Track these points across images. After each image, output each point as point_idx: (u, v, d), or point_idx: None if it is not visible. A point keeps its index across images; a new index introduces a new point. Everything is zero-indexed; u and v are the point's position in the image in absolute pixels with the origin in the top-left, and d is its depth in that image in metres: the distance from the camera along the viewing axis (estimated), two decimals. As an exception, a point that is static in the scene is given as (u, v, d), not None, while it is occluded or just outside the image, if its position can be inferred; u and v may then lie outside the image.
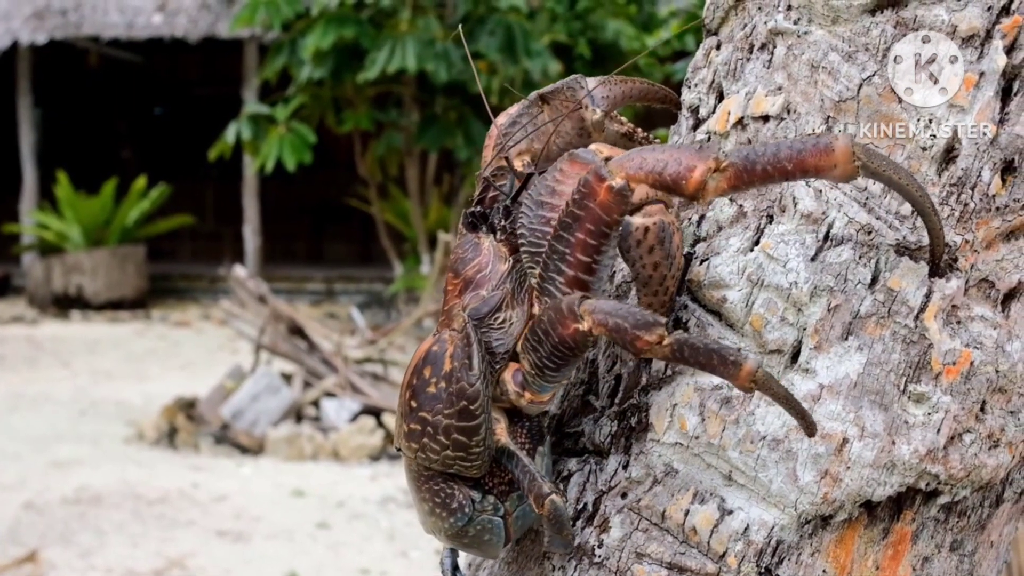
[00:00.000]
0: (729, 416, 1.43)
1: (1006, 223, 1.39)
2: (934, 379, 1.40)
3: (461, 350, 1.42)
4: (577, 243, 1.34)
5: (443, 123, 14.21)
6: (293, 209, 20.60)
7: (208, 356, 13.76)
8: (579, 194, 1.32)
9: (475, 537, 1.50)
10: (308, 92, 14.19)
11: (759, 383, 1.26)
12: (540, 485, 1.42)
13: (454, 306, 1.49)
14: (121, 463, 8.86)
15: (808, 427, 1.30)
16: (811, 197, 1.42)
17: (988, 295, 1.41)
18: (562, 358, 1.38)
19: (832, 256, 1.41)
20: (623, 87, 1.63)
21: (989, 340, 1.41)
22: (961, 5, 1.37)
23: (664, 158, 1.29)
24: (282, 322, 10.11)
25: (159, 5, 17.71)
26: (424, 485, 1.50)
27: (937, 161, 1.38)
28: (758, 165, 1.25)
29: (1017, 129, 1.37)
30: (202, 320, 16.93)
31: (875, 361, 1.40)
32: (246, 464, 9.01)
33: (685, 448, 1.46)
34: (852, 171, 1.24)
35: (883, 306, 1.39)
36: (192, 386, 11.10)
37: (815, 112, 1.43)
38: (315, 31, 13.25)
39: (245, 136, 14.01)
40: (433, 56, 13.14)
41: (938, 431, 1.41)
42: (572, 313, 1.32)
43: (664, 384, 1.48)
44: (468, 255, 1.50)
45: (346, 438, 9.22)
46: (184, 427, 9.58)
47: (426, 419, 1.44)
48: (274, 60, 14.31)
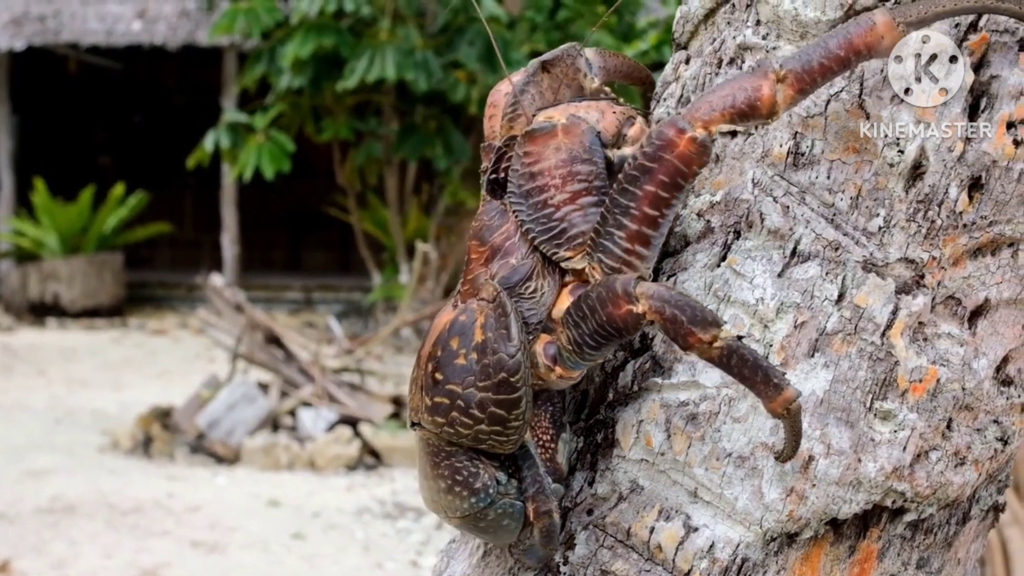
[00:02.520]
0: (695, 433, 1.42)
1: (973, 240, 1.39)
2: (900, 396, 1.39)
3: (495, 320, 1.37)
4: (645, 196, 1.29)
5: (422, 133, 14.21)
6: (272, 218, 20.56)
7: (185, 365, 13.70)
8: (652, 146, 1.28)
9: (493, 521, 1.44)
10: (287, 101, 14.17)
11: (791, 413, 1.26)
12: (544, 500, 1.40)
13: (479, 275, 1.43)
14: (95, 472, 8.81)
15: (791, 456, 1.30)
16: (778, 213, 1.42)
17: (955, 312, 1.41)
18: (606, 337, 1.32)
19: (799, 272, 1.40)
20: (615, 60, 1.61)
21: (956, 357, 1.40)
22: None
23: (728, 92, 1.27)
24: (259, 331, 10.07)
25: (138, 12, 17.66)
26: (444, 461, 1.44)
27: (904, 177, 1.38)
28: (814, 62, 1.25)
29: (984, 146, 1.37)
30: (179, 328, 16.87)
31: (841, 378, 1.39)
32: (221, 474, 8.97)
33: (651, 465, 1.45)
34: (899, 36, 1.27)
35: (850, 323, 1.39)
36: (168, 395, 11.05)
37: (783, 127, 1.42)
38: (294, 40, 13.23)
39: (224, 144, 13.98)
40: (413, 65, 13.14)
41: (904, 448, 1.40)
42: (627, 294, 1.27)
43: (630, 400, 1.47)
44: (495, 222, 1.44)
45: (322, 448, 9.19)
46: (159, 436, 9.54)
47: (455, 392, 1.38)
48: (253, 68, 14.28)
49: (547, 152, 1.40)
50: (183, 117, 20.22)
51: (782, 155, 1.42)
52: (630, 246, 1.32)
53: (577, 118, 1.41)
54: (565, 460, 1.48)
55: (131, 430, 9.72)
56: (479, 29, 13.44)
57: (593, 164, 1.40)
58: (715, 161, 1.47)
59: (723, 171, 1.46)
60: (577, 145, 1.40)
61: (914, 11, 1.28)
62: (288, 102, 14.19)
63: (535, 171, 1.40)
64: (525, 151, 1.40)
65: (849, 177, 1.39)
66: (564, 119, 1.40)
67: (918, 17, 1.28)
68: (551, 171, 1.39)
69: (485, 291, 1.41)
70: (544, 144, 1.40)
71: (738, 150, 1.45)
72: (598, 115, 1.42)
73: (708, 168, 1.48)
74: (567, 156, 1.39)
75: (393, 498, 8.43)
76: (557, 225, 1.39)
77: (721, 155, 1.47)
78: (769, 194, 1.42)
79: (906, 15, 1.27)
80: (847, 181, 1.40)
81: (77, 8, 17.76)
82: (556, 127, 1.40)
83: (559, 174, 1.39)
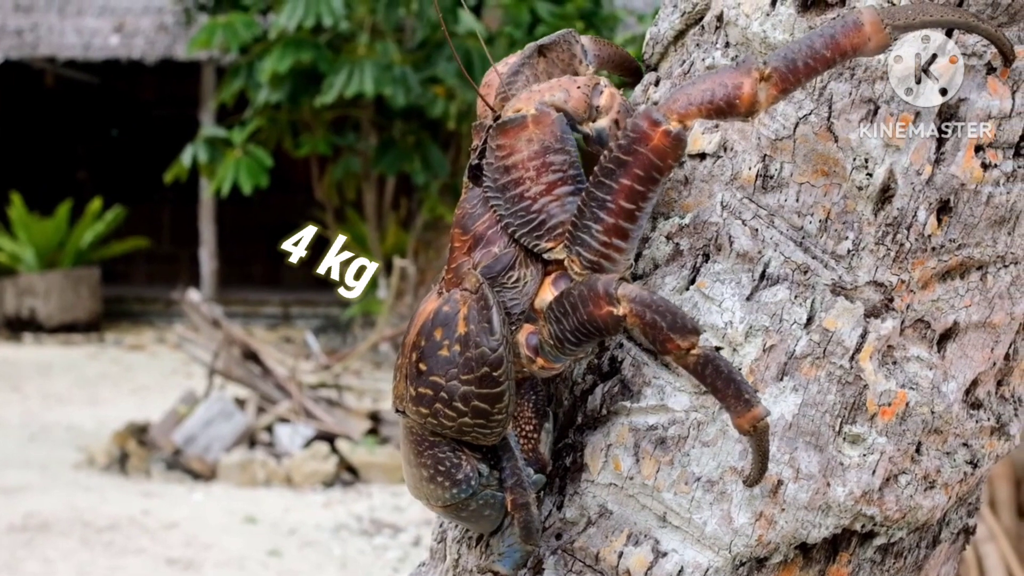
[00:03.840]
0: (664, 457, 1.42)
1: (942, 263, 1.39)
2: (869, 420, 1.39)
3: (477, 312, 1.37)
4: (621, 189, 1.29)
5: (401, 148, 14.19)
6: (250, 232, 20.49)
7: (161, 380, 13.63)
8: (627, 139, 1.28)
9: (475, 511, 1.45)
10: (265, 115, 14.14)
11: (758, 431, 1.25)
12: (523, 492, 1.39)
13: (462, 264, 1.43)
14: (70, 489, 8.74)
15: (758, 480, 1.29)
16: (747, 236, 1.41)
17: (924, 335, 1.40)
18: (586, 335, 1.32)
19: (768, 296, 1.40)
20: (609, 50, 1.61)
21: (925, 381, 1.40)
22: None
23: (708, 86, 1.26)
24: (236, 347, 10.03)
25: (116, 26, 17.61)
26: (427, 451, 1.44)
27: (873, 200, 1.38)
28: (799, 61, 1.24)
29: (952, 169, 1.37)
30: (156, 344, 16.79)
31: (810, 402, 1.39)
32: (198, 490, 8.92)
33: (620, 489, 1.44)
34: (885, 39, 1.26)
35: (818, 346, 1.39)
36: (145, 411, 10.98)
37: (752, 150, 1.42)
38: (273, 54, 13.20)
39: (201, 159, 13.93)
40: (391, 80, 13.12)
41: (873, 472, 1.40)
42: (608, 295, 1.28)
43: (599, 424, 1.47)
44: (477, 210, 1.44)
45: (299, 464, 9.15)
46: (135, 452, 9.48)
47: (439, 384, 1.38)
48: (231, 83, 14.25)
49: (519, 144, 1.39)
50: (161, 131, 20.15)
51: (751, 178, 1.42)
52: (607, 239, 1.32)
53: (546, 106, 1.40)
54: (548, 450, 1.48)
55: (107, 446, 9.65)
56: (458, 44, 13.45)
57: (566, 153, 1.39)
58: (684, 183, 1.47)
59: (692, 193, 1.46)
60: (549, 135, 1.39)
61: (902, 15, 1.27)
62: (266, 117, 14.15)
63: (509, 164, 1.39)
64: (498, 144, 1.40)
65: (818, 200, 1.39)
66: (533, 109, 1.40)
67: (906, 22, 1.27)
68: (525, 163, 1.39)
69: (468, 281, 1.40)
70: (516, 136, 1.39)
71: (707, 172, 1.45)
72: (564, 94, 1.41)
73: (677, 190, 1.47)
74: (540, 147, 1.39)
75: (370, 514, 8.39)
76: (536, 217, 1.39)
77: (690, 177, 1.46)
78: (738, 217, 1.42)
79: (895, 17, 1.26)
80: (816, 204, 1.39)
81: (55, 22, 17.70)
82: (527, 118, 1.39)
83: (533, 166, 1.39)
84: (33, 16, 17.79)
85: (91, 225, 17.90)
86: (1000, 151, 1.38)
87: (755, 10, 1.43)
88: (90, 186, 20.33)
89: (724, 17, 1.47)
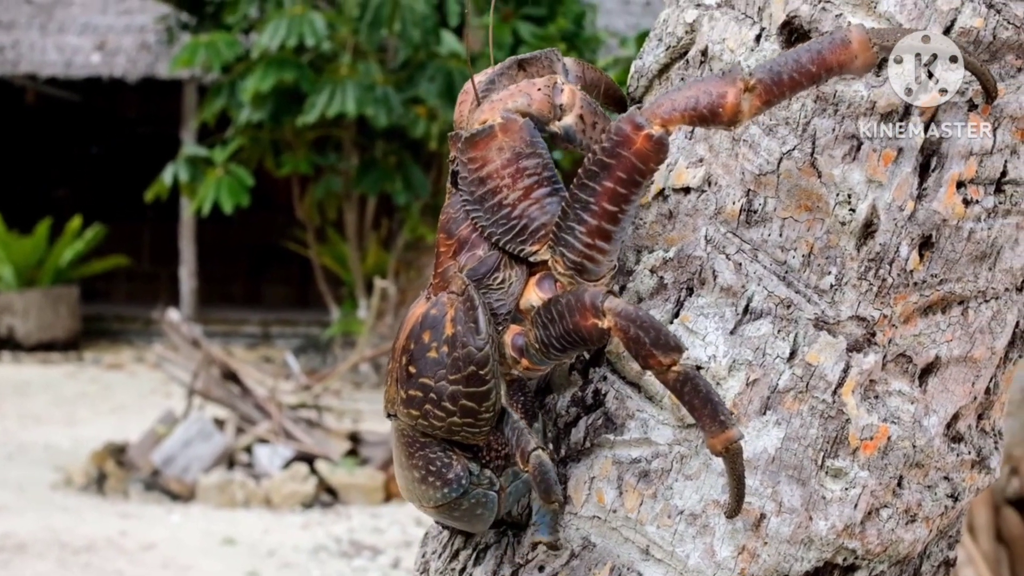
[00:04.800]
0: (647, 490, 1.42)
1: (923, 298, 1.40)
2: (852, 454, 1.40)
3: (463, 313, 1.39)
4: (604, 192, 1.30)
5: (382, 168, 14.20)
6: (230, 251, 20.45)
7: (140, 400, 13.57)
8: (610, 142, 1.29)
9: (467, 511, 1.46)
10: (247, 134, 14.13)
11: (731, 453, 1.26)
12: (527, 441, 1.39)
13: (448, 267, 1.44)
14: (47, 510, 8.69)
15: (736, 510, 1.30)
16: (731, 270, 1.42)
17: (906, 370, 1.41)
18: (571, 344, 1.34)
19: (751, 330, 1.41)
20: (593, 74, 1.62)
21: (907, 415, 1.41)
22: (880, 81, 1.38)
23: (692, 94, 1.27)
24: (215, 367, 10.00)
25: (98, 44, 17.59)
26: (418, 452, 1.45)
27: (856, 236, 1.38)
28: (784, 75, 1.25)
29: (935, 205, 1.38)
30: (136, 363, 16.72)
31: (793, 436, 1.39)
32: (176, 511, 8.88)
33: (603, 522, 1.44)
34: (872, 58, 1.26)
35: (801, 380, 1.39)
36: (123, 431, 10.93)
37: (736, 185, 1.43)
38: (255, 74, 13.21)
39: (182, 178, 13.92)
40: (373, 101, 13.14)
41: (855, 506, 1.40)
42: (595, 307, 1.29)
43: (582, 457, 1.47)
44: (460, 215, 1.45)
45: (278, 485, 9.12)
46: (113, 473, 9.43)
47: (428, 385, 1.40)
48: (213, 102, 14.24)
49: (491, 155, 1.41)
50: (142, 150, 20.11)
51: (735, 212, 1.43)
52: (591, 241, 1.33)
53: (511, 114, 1.41)
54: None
55: (84, 466, 9.60)
56: (439, 65, 13.48)
57: (538, 156, 1.42)
58: (668, 217, 1.48)
59: (676, 227, 1.46)
60: (519, 141, 1.41)
61: (891, 37, 1.29)
62: (248, 136, 14.15)
63: (484, 175, 1.41)
64: (469, 157, 1.42)
65: (801, 235, 1.40)
66: (500, 118, 1.41)
67: (894, 43, 1.28)
68: (499, 172, 1.41)
69: (454, 284, 1.42)
70: (486, 147, 1.41)
71: (691, 207, 1.46)
72: (526, 99, 1.43)
73: (661, 224, 1.48)
74: (512, 154, 1.41)
75: (350, 536, 8.37)
76: (517, 223, 1.40)
77: (674, 211, 1.47)
78: (722, 251, 1.43)
79: (883, 38, 1.28)
80: (799, 239, 1.40)
81: (36, 39, 17.67)
82: (494, 128, 1.41)
83: (508, 173, 1.41)
84: (14, 33, 17.76)
85: (71, 243, 17.83)
86: (981, 187, 1.39)
87: (740, 45, 1.44)
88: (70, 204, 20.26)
89: (709, 52, 1.48)
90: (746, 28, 1.45)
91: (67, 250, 17.77)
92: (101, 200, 20.52)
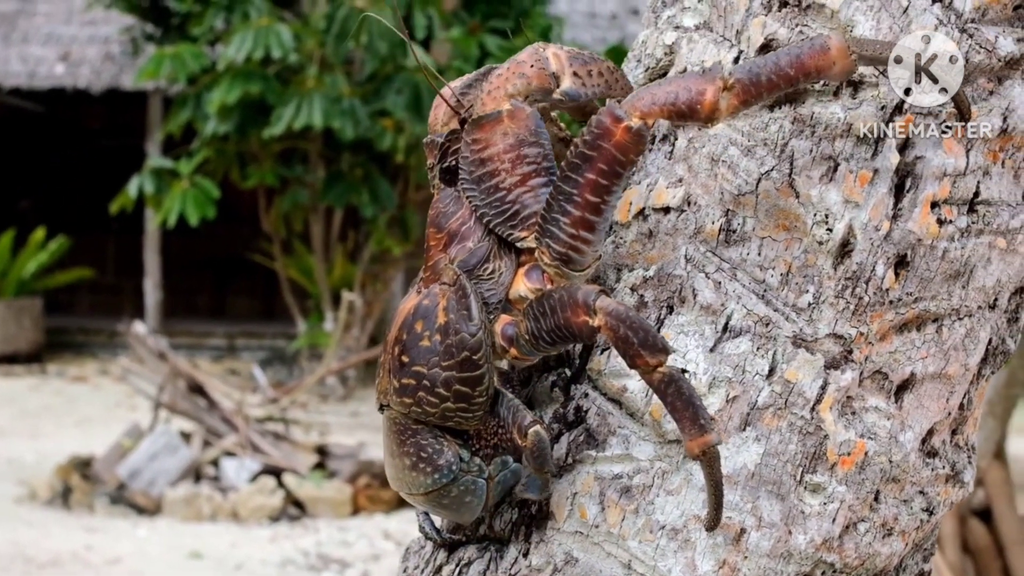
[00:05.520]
0: (629, 506, 1.44)
1: (899, 316, 1.43)
2: (830, 469, 1.42)
3: (456, 302, 1.42)
4: (587, 183, 1.34)
5: (349, 180, 14.19)
6: (196, 263, 20.35)
7: (105, 413, 13.48)
8: (591, 134, 1.33)
9: (456, 498, 1.47)
10: (213, 146, 14.08)
11: (707, 456, 1.29)
12: (524, 416, 1.42)
13: (439, 260, 1.48)
14: (11, 524, 8.62)
15: (715, 520, 1.32)
16: (710, 289, 1.44)
17: (882, 386, 1.44)
18: (561, 338, 1.38)
19: (731, 347, 1.43)
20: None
21: (883, 431, 1.44)
22: (856, 104, 1.41)
23: (672, 89, 1.30)
24: (182, 380, 9.96)
25: (62, 55, 17.50)
26: (410, 439, 1.47)
27: (833, 255, 1.41)
28: (762, 76, 1.29)
29: (909, 225, 1.41)
30: (100, 375, 16.61)
31: (772, 452, 1.42)
32: (142, 525, 8.83)
33: (585, 537, 1.46)
34: (850, 65, 1.30)
35: (780, 397, 1.42)
36: (88, 444, 10.86)
37: (715, 204, 1.45)
38: (221, 86, 13.18)
39: (148, 190, 13.85)
40: (339, 113, 13.13)
41: (833, 520, 1.43)
42: (587, 305, 1.33)
43: (565, 472, 1.49)
44: (450, 209, 1.49)
45: (245, 499, 9.08)
46: (79, 486, 9.36)
47: (421, 373, 1.43)
48: (179, 114, 14.19)
49: (495, 138, 1.44)
50: (106, 161, 19.99)
51: (714, 232, 1.45)
52: (575, 231, 1.37)
53: (519, 102, 1.45)
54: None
55: (49, 480, 9.53)
56: (406, 78, 13.49)
57: (540, 146, 1.45)
58: (648, 236, 1.50)
59: (656, 247, 1.49)
60: (523, 129, 1.44)
61: (871, 47, 1.32)
62: (214, 148, 14.10)
63: (485, 157, 1.45)
64: (473, 138, 1.45)
65: (779, 254, 1.43)
66: (508, 105, 1.44)
67: (873, 53, 1.32)
68: (500, 156, 1.44)
69: (446, 275, 1.45)
70: (491, 131, 1.44)
71: (671, 226, 1.48)
72: (523, 78, 1.46)
73: (641, 243, 1.50)
74: (515, 140, 1.44)
75: (317, 549, 8.34)
76: (510, 207, 1.44)
77: (654, 231, 1.49)
78: (701, 270, 1.45)
79: (863, 47, 1.31)
80: (777, 258, 1.43)
81: (-1, 50, 17.57)
82: (502, 113, 1.44)
83: (508, 158, 1.44)
84: (-23, 44, 17.65)
85: (34, 255, 17.70)
86: (955, 207, 1.42)
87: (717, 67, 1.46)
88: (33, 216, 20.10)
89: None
90: (724, 50, 1.48)
91: (30, 262, 17.64)
92: (65, 212, 20.39)
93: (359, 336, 14.59)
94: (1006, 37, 1.40)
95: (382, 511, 9.18)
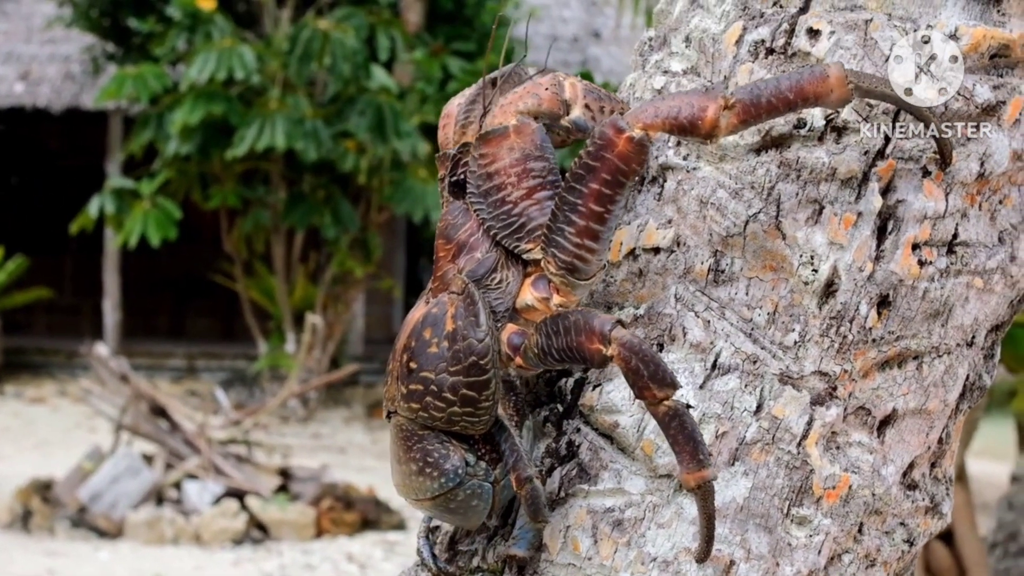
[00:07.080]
0: (621, 539, 1.48)
1: (882, 354, 1.47)
2: (815, 503, 1.47)
3: (464, 309, 1.46)
4: (591, 193, 1.37)
5: (311, 201, 14.19)
6: (155, 283, 20.25)
7: (65, 435, 13.37)
8: (595, 145, 1.36)
9: (463, 502, 1.50)
10: (174, 167, 14.05)
11: (702, 491, 1.33)
12: (524, 467, 1.46)
13: (448, 271, 1.51)
14: (-29, 548, 8.56)
15: (706, 553, 1.36)
16: (700, 327, 1.49)
17: (865, 422, 1.49)
18: (571, 359, 1.41)
19: (719, 384, 1.47)
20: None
21: (866, 465, 1.48)
22: (840, 148, 1.46)
23: (676, 104, 1.34)
24: (144, 401, 9.91)
25: (21, 74, 17.41)
26: (416, 445, 1.50)
27: (818, 295, 1.46)
28: (763, 98, 1.33)
29: (892, 266, 1.46)
30: (58, 396, 16.48)
31: (760, 486, 1.46)
32: (104, 549, 8.77)
33: (578, 569, 1.50)
34: (847, 94, 1.34)
35: (768, 433, 1.46)
36: (48, 466, 10.77)
37: (704, 245, 1.50)
38: (183, 106, 13.16)
39: (108, 210, 13.80)
40: (302, 134, 13.15)
41: (819, 552, 1.47)
42: (602, 335, 1.36)
43: (558, 506, 1.52)
44: (459, 220, 1.53)
45: (208, 521, 9.04)
46: (39, 510, 9.29)
47: (429, 378, 1.46)
48: (140, 134, 14.15)
49: (501, 153, 1.49)
50: (66, 181, 19.88)
51: (703, 272, 1.49)
52: (580, 240, 1.40)
53: (526, 118, 1.49)
54: (529, 447, 1.55)
55: (8, 503, 9.45)
56: (369, 99, 13.51)
57: (545, 160, 1.50)
58: (639, 276, 1.54)
59: (646, 286, 1.53)
60: (529, 144, 1.49)
61: (868, 80, 1.37)
62: (175, 168, 14.07)
63: (491, 171, 1.49)
64: (481, 153, 1.50)
65: (766, 294, 1.47)
66: (514, 120, 1.49)
67: (869, 86, 1.37)
68: (507, 170, 1.48)
69: (454, 284, 1.49)
70: (498, 145, 1.49)
71: (661, 266, 1.52)
72: (536, 99, 1.51)
73: (631, 282, 1.54)
74: (521, 155, 1.49)
75: (281, 572, 8.32)
76: (516, 220, 1.48)
77: (644, 270, 1.54)
78: (691, 309, 1.49)
79: (860, 79, 1.36)
80: (764, 297, 1.47)
81: (-43, 69, 17.45)
82: (508, 129, 1.49)
83: (514, 172, 1.48)
84: (-65, 62, 17.52)
85: (-8, 275, 17.57)
86: (935, 249, 1.47)
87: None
88: (-9, 235, 19.94)
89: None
90: (712, 95, 1.52)
91: (-12, 282, 17.50)
92: (23, 232, 20.23)
93: (320, 358, 14.57)
94: (983, 85, 1.46)
95: (345, 534, 9.16)
